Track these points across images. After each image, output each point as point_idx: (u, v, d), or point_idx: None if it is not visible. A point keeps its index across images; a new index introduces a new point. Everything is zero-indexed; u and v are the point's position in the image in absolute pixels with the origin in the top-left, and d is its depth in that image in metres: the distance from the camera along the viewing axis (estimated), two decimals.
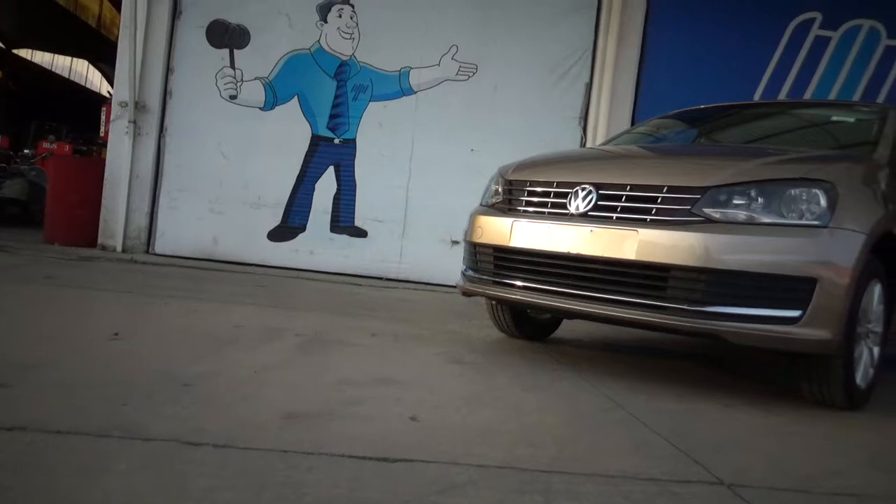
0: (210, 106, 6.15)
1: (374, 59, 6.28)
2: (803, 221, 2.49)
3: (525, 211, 2.94)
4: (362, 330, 3.37)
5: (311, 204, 6.28)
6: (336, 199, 6.30)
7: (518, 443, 1.84)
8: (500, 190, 3.13)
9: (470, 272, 3.16)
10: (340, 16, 6.25)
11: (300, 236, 6.29)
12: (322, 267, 6.20)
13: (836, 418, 2.54)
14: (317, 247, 6.28)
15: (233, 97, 6.17)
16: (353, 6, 6.25)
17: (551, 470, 1.67)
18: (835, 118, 3.73)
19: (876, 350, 2.84)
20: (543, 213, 2.86)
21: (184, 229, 6.15)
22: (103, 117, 6.13)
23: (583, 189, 2.75)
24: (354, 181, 6.30)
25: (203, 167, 6.17)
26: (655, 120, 4.61)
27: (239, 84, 6.18)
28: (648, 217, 2.59)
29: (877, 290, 2.76)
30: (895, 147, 3.15)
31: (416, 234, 6.24)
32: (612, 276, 2.62)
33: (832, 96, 6.43)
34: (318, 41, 6.24)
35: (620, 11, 6.25)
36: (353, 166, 6.29)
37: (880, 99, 6.49)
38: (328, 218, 6.30)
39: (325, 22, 6.24)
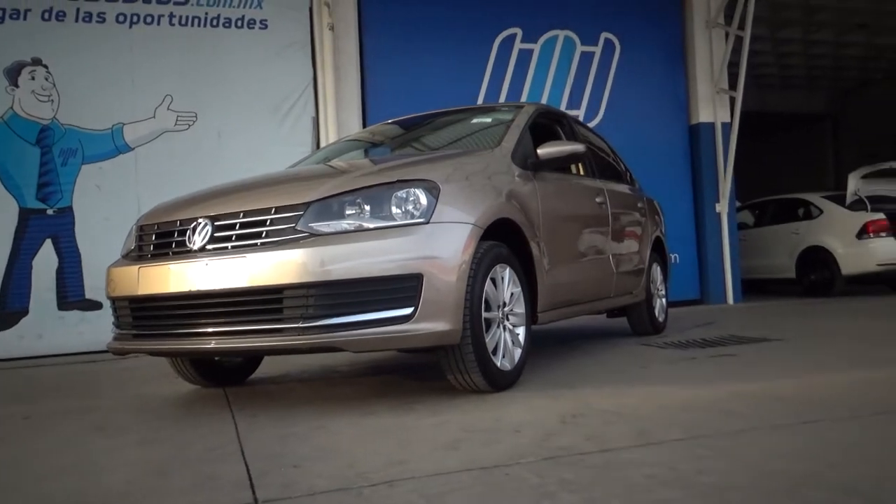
0: None
1: (81, 119, 5.88)
2: (405, 221, 2.56)
3: (153, 255, 2.79)
4: (20, 415, 3.02)
5: (30, 283, 5.70)
6: (60, 273, 5.77)
7: None
8: (134, 238, 2.96)
9: (114, 329, 2.94)
10: (33, 78, 5.79)
11: (23, 321, 5.67)
12: (55, 350, 5.62)
13: (471, 404, 2.61)
14: (45, 329, 5.69)
15: None
16: (46, 67, 5.82)
17: None
18: (489, 119, 3.98)
19: (521, 330, 2.99)
20: (168, 254, 2.73)
21: None
22: None
23: (199, 223, 2.66)
24: (78, 251, 5.81)
25: None
26: (359, 133, 4.71)
27: None
28: (260, 241, 2.54)
29: (507, 273, 2.91)
30: (522, 138, 3.41)
31: None
32: (233, 307, 2.54)
33: (543, 101, 6.98)
34: (12, 107, 5.73)
35: (333, 45, 6.38)
36: (73, 236, 5.81)
37: (585, 98, 7.17)
38: (54, 295, 5.75)
39: (17, 86, 5.75)
